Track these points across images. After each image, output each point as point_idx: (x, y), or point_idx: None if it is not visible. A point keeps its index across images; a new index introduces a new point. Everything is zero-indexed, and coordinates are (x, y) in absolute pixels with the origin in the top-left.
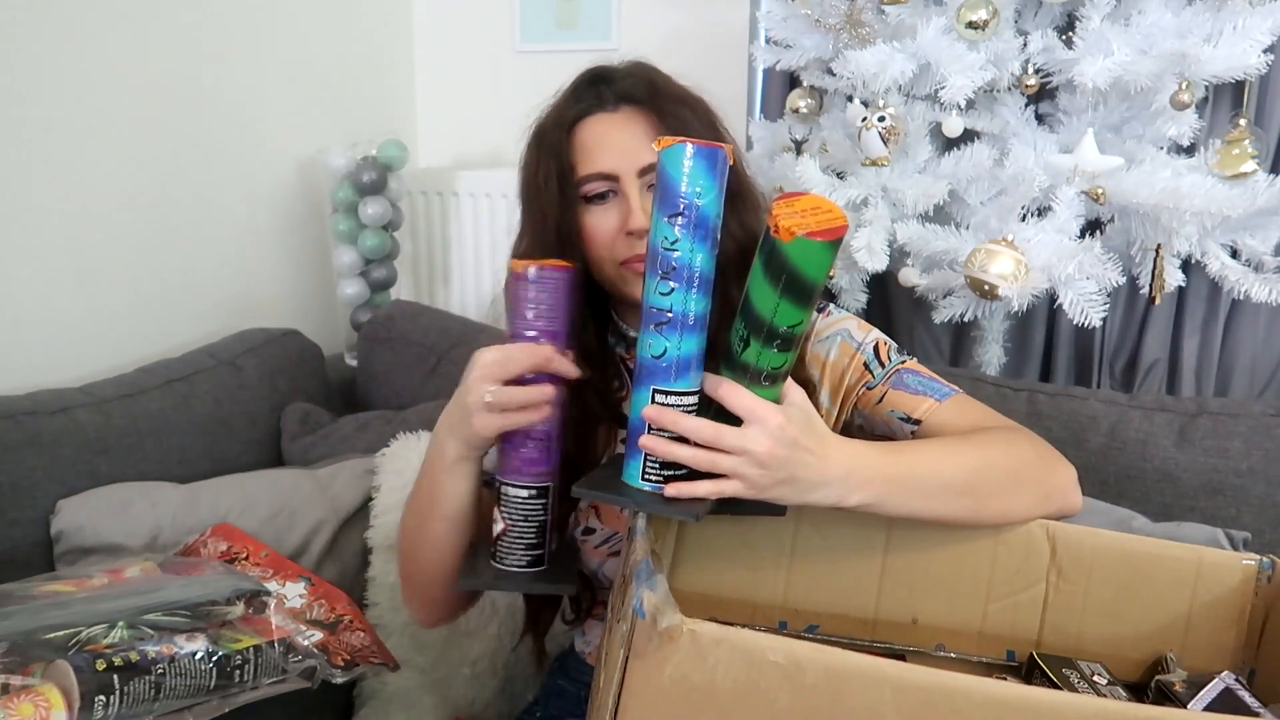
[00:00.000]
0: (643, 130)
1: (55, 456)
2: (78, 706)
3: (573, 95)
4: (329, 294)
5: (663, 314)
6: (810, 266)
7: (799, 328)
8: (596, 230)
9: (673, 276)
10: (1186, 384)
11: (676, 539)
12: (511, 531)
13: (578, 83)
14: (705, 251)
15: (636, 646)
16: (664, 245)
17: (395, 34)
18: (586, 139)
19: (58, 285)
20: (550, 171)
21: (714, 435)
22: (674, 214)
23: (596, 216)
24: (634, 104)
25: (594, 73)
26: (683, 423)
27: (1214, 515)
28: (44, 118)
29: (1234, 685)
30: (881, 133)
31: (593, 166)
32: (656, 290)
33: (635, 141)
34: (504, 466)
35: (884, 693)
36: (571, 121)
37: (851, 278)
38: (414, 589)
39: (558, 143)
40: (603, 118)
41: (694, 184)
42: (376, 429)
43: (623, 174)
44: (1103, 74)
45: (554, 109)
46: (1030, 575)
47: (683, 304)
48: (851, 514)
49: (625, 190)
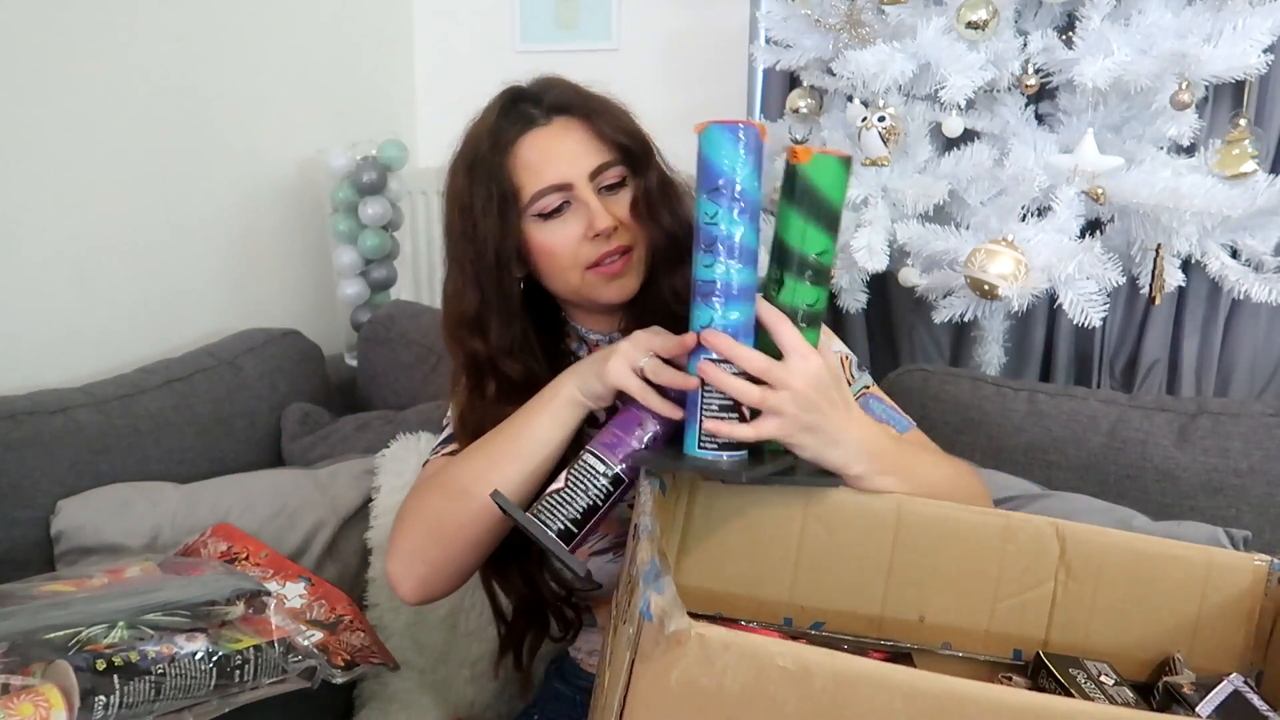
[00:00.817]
0: (581, 136)
1: (55, 456)
2: (78, 706)
3: (500, 118)
4: (329, 294)
5: (710, 285)
6: (827, 184)
7: (826, 256)
8: (557, 243)
9: (714, 250)
10: (1186, 384)
11: (682, 534)
12: (565, 494)
13: (499, 106)
14: (746, 224)
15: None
16: (705, 220)
17: (395, 34)
18: (529, 156)
19: (58, 285)
20: (490, 197)
21: (764, 366)
22: (712, 190)
23: (554, 231)
24: (566, 113)
25: (512, 93)
26: (737, 351)
27: (1214, 515)
28: (44, 118)
29: (1242, 688)
30: (881, 133)
31: (543, 181)
32: (702, 264)
33: (578, 148)
34: (598, 439)
35: (893, 699)
36: (508, 143)
37: (851, 278)
38: (427, 544)
39: (496, 167)
40: (540, 133)
41: (729, 160)
42: (376, 429)
43: (575, 181)
44: (1103, 74)
45: (480, 136)
46: (1039, 574)
47: (725, 274)
48: (860, 510)
49: (581, 196)
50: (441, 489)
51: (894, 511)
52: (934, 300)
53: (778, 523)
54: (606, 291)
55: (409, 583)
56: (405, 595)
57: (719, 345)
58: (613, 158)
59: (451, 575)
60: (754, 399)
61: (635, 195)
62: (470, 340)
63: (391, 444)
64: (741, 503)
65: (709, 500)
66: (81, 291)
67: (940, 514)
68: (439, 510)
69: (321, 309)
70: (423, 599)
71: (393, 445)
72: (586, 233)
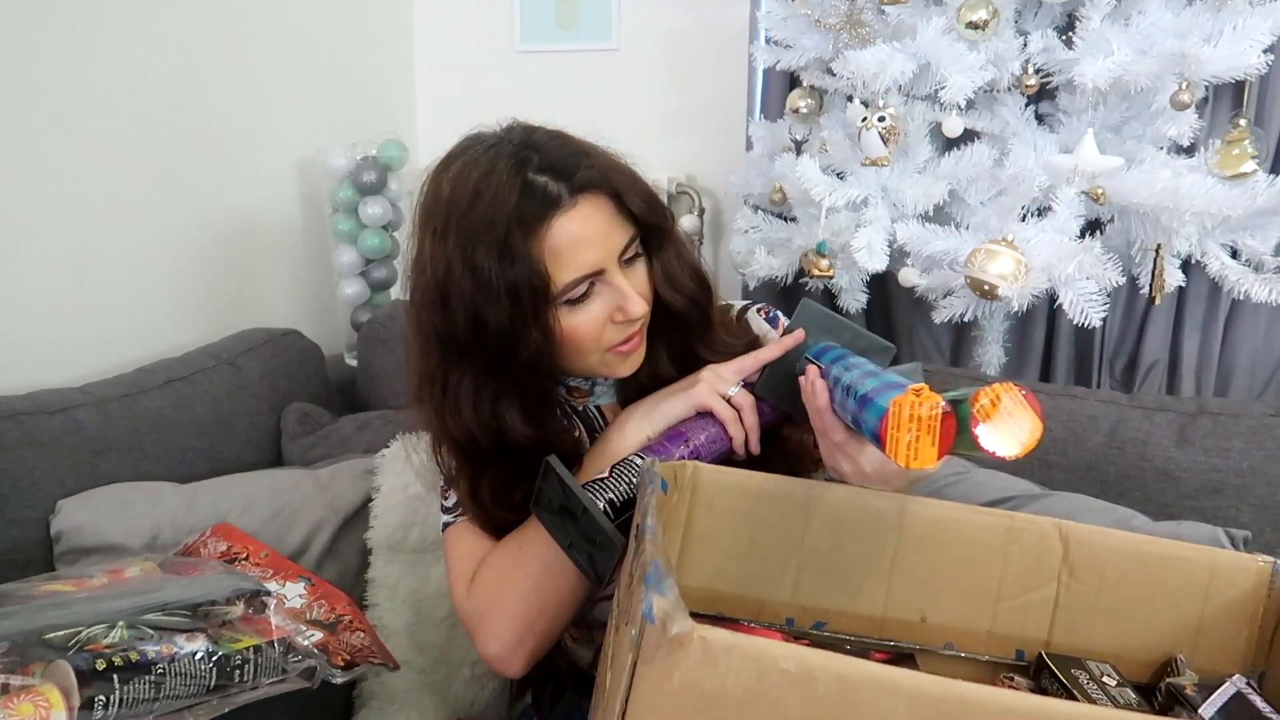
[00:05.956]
0: (608, 214)
1: (55, 456)
2: (77, 706)
3: (522, 200)
4: (329, 294)
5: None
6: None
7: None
8: (584, 327)
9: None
10: (1186, 384)
11: (684, 534)
12: (606, 482)
13: (512, 178)
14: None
15: (645, 652)
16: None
17: (395, 34)
18: (559, 243)
19: (58, 285)
20: (519, 282)
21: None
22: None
23: (581, 315)
24: (592, 190)
25: (521, 157)
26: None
27: (1214, 515)
28: (43, 118)
29: (1245, 689)
30: (881, 133)
31: (577, 271)
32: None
33: (606, 228)
34: (648, 447)
35: (897, 702)
36: (532, 230)
37: (851, 278)
38: (537, 620)
39: (526, 258)
40: (568, 216)
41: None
42: (376, 429)
43: (607, 266)
44: (1103, 74)
45: (497, 214)
46: (1042, 574)
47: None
48: (862, 510)
49: (612, 281)
50: (534, 559)
51: (897, 512)
52: (934, 300)
53: (780, 523)
54: (623, 368)
55: (518, 660)
56: (515, 673)
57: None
58: (634, 231)
59: (555, 638)
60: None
61: (658, 269)
62: (476, 427)
63: (391, 444)
64: (744, 503)
65: (711, 500)
66: (81, 291)
67: (943, 514)
68: (539, 580)
69: (321, 309)
70: (529, 669)
71: (393, 445)
72: (614, 315)
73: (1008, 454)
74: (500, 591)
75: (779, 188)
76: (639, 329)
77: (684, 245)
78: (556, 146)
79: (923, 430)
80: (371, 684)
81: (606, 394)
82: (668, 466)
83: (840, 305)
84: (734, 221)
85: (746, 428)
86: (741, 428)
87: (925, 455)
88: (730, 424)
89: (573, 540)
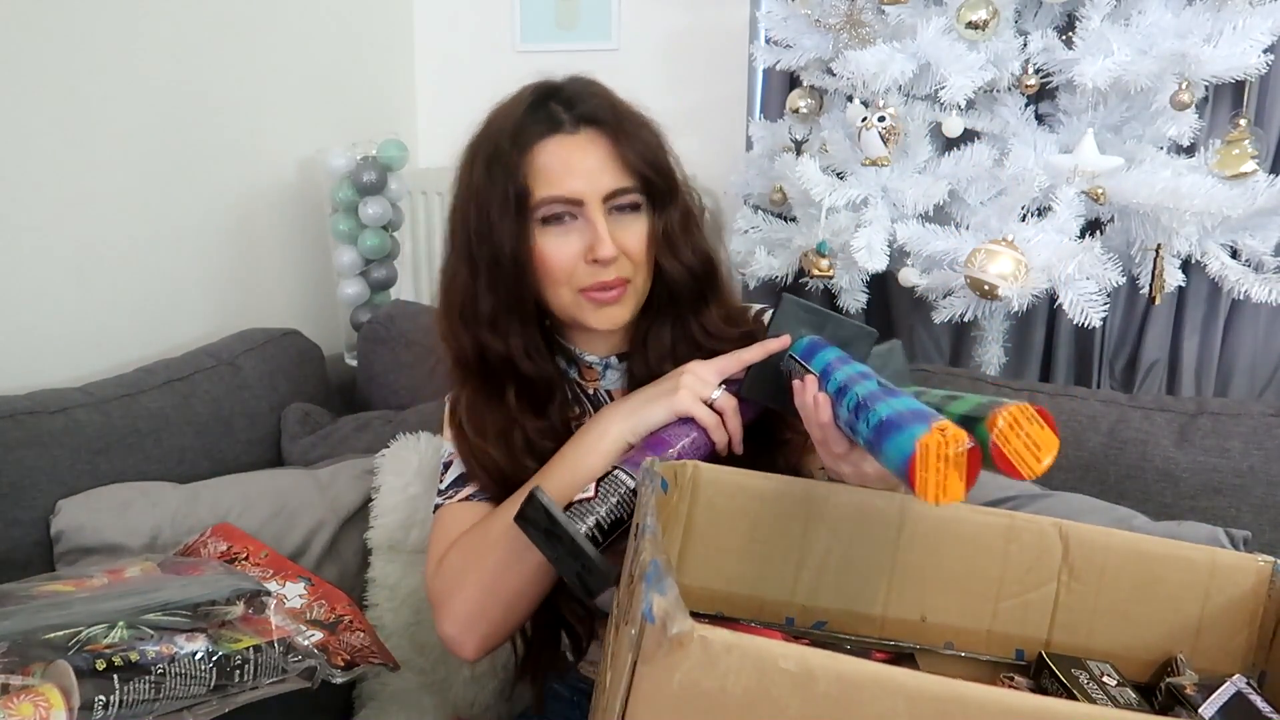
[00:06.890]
0: (605, 153)
1: (55, 456)
2: (77, 706)
3: (526, 114)
4: (329, 294)
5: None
6: None
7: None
8: (554, 255)
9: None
10: (1186, 384)
11: (684, 533)
12: (592, 503)
13: (529, 100)
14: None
15: (645, 651)
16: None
17: (395, 34)
18: (547, 161)
19: (58, 285)
20: (506, 197)
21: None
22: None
23: (553, 240)
24: (596, 126)
25: (545, 89)
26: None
27: (1214, 515)
28: (43, 118)
29: (1245, 689)
30: (881, 133)
31: (554, 190)
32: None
33: (598, 165)
34: (629, 458)
35: (897, 702)
36: (528, 143)
37: (851, 278)
38: (489, 604)
39: (512, 166)
40: (563, 139)
41: None
42: (376, 429)
43: (587, 199)
44: (1103, 74)
45: (503, 128)
46: (1042, 574)
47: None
48: (862, 510)
49: (590, 216)
50: (495, 546)
51: (897, 511)
52: (934, 300)
53: (780, 522)
54: (594, 318)
55: (471, 643)
56: (468, 655)
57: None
58: (633, 184)
59: (513, 628)
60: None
61: (653, 230)
62: (487, 339)
63: (391, 444)
64: (744, 502)
65: (711, 499)
66: (81, 291)
67: (943, 514)
68: (497, 568)
69: (321, 309)
70: (485, 654)
71: (393, 445)
72: (586, 255)
73: (1029, 475)
74: (463, 576)
75: (779, 188)
76: (616, 281)
77: (695, 220)
78: (580, 86)
79: (950, 468)
80: (371, 684)
81: (617, 379)
82: (668, 466)
83: (840, 305)
84: (734, 222)
85: (730, 431)
86: (725, 432)
87: (954, 491)
88: (713, 430)
89: (560, 557)
